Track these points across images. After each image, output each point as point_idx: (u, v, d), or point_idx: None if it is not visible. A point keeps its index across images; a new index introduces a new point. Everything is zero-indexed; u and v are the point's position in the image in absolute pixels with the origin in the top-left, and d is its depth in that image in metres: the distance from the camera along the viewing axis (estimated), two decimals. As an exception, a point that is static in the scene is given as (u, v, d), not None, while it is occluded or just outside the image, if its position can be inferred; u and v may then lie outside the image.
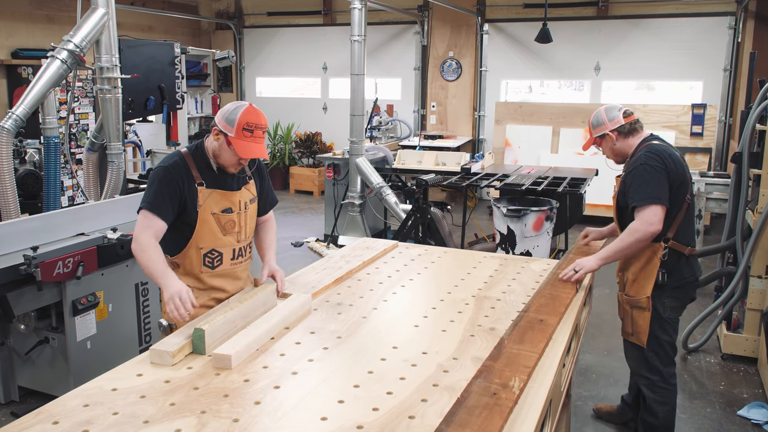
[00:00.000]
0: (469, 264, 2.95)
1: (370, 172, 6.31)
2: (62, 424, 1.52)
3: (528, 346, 1.95)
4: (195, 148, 2.31)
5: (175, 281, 2.12)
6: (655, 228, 2.58)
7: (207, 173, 2.28)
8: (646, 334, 2.75)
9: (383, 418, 1.56)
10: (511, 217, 5.18)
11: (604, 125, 2.82)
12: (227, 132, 2.17)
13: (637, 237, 2.60)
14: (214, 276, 2.33)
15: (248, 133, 2.17)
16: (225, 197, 2.29)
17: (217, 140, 2.21)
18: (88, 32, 3.90)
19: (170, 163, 2.24)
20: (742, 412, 3.42)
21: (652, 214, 2.58)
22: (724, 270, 4.28)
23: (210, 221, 2.26)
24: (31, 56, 7.54)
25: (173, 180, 2.20)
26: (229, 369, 1.82)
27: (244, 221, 2.36)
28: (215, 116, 2.24)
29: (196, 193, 2.23)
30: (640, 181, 2.62)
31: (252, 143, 2.18)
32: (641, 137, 2.80)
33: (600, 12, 8.50)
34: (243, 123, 2.16)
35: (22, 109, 3.76)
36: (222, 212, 2.28)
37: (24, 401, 3.39)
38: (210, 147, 2.27)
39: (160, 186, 2.20)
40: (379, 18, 9.47)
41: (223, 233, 2.30)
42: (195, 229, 2.25)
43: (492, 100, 9.21)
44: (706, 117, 7.74)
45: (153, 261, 2.14)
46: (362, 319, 2.23)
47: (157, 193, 2.19)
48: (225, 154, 2.22)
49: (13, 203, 3.73)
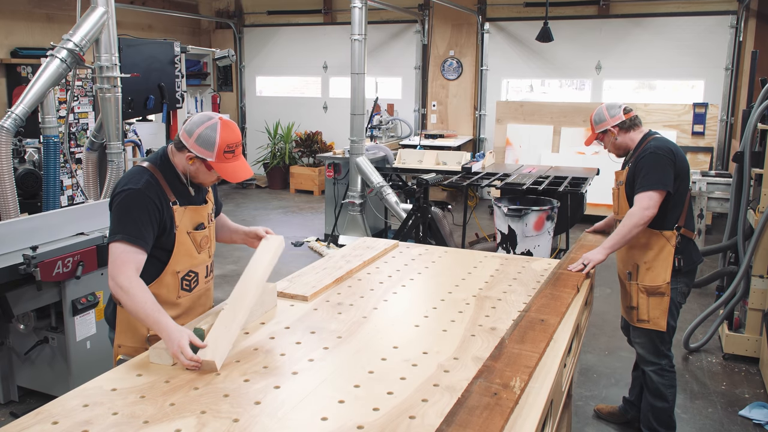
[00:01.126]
0: (470, 264, 2.94)
1: (370, 171, 6.30)
2: (62, 424, 1.51)
3: (529, 346, 1.94)
4: (161, 162, 2.05)
5: (173, 328, 1.83)
6: (651, 212, 2.72)
7: (177, 189, 2.06)
8: (665, 318, 2.84)
9: (384, 418, 1.55)
10: (512, 217, 5.17)
11: (605, 121, 2.95)
12: (206, 157, 1.96)
13: (634, 221, 2.73)
14: (191, 299, 2.17)
15: (230, 154, 1.97)
16: (197, 212, 2.11)
17: (193, 164, 1.99)
18: (87, 31, 3.89)
19: (143, 184, 1.97)
20: (744, 413, 3.41)
21: (648, 198, 2.71)
22: (725, 270, 4.27)
23: (186, 242, 2.08)
24: (31, 55, 7.53)
25: (151, 202, 1.95)
26: (216, 371, 1.79)
27: (212, 234, 2.22)
28: (180, 134, 1.99)
29: (172, 213, 2.02)
30: (648, 168, 2.75)
31: (236, 163, 1.99)
32: (642, 132, 2.94)
33: (601, 11, 8.49)
34: (223, 146, 1.95)
35: (21, 109, 3.75)
36: (195, 229, 2.11)
37: (23, 401, 3.39)
38: (180, 165, 2.04)
39: (137, 212, 1.93)
40: (380, 17, 9.45)
41: (198, 251, 2.14)
42: (172, 253, 2.05)
43: (493, 99, 9.20)
44: (707, 116, 7.72)
45: (143, 305, 1.86)
46: (363, 319, 2.22)
47: (137, 221, 1.92)
48: (203, 176, 2.03)
49: (12, 203, 3.72)
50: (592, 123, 3.02)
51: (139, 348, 2.06)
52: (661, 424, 2.98)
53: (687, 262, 2.85)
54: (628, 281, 2.94)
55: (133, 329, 2.09)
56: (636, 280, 2.89)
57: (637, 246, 2.86)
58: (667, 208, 2.78)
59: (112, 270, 1.91)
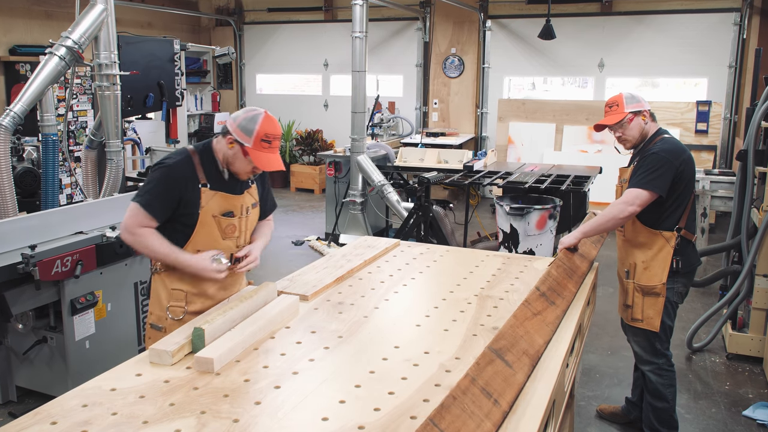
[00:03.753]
0: (472, 263, 2.93)
1: (371, 169, 6.27)
2: (60, 424, 1.50)
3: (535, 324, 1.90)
4: (203, 148, 2.25)
5: (193, 260, 2.17)
6: (633, 209, 2.71)
7: (212, 175, 2.22)
8: (659, 318, 2.84)
9: (385, 419, 1.55)
10: (514, 216, 5.15)
11: (640, 103, 2.87)
12: (244, 142, 2.12)
13: (613, 213, 2.74)
14: (209, 282, 2.27)
15: (266, 144, 2.13)
16: (227, 200, 2.24)
17: (231, 148, 2.16)
18: (86, 28, 3.87)
19: (174, 162, 2.18)
20: (748, 413, 3.39)
21: (635, 195, 2.70)
22: (729, 269, 4.25)
23: (210, 224, 2.21)
24: (29, 53, 7.50)
25: (174, 180, 2.15)
26: (212, 372, 1.78)
27: (245, 226, 2.33)
28: (227, 122, 2.18)
29: (199, 194, 2.18)
30: (645, 168, 2.74)
31: (270, 154, 2.15)
32: (656, 127, 2.91)
33: (604, 8, 8.45)
34: (262, 134, 2.11)
35: (19, 107, 3.73)
36: (223, 215, 2.23)
37: (22, 401, 3.37)
38: (221, 152, 2.22)
39: (158, 186, 2.15)
40: (381, 14, 9.43)
41: (223, 237, 2.25)
42: (194, 231, 2.20)
43: (495, 97, 9.17)
44: (711, 114, 7.69)
45: (155, 245, 2.15)
46: (363, 319, 2.21)
47: (153, 193, 2.15)
48: (239, 163, 2.18)
49: (10, 201, 3.70)
50: (623, 102, 2.82)
51: (161, 316, 2.28)
52: (663, 424, 2.97)
53: (685, 264, 2.84)
54: (625, 279, 2.95)
55: (158, 298, 2.30)
56: (633, 278, 2.89)
57: (636, 245, 2.86)
58: (666, 209, 2.77)
59: (125, 222, 2.16)
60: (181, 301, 2.25)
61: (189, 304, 2.26)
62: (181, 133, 8.36)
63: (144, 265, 3.49)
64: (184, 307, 2.25)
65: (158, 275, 2.30)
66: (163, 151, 5.76)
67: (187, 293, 2.25)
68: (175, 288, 2.26)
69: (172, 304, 2.25)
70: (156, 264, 2.30)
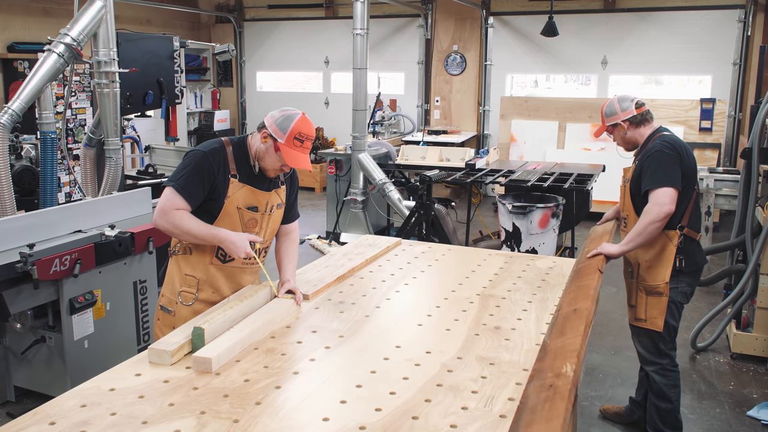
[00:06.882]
0: (474, 262, 2.91)
1: (372, 167, 6.25)
2: (59, 424, 1.50)
3: (570, 335, 1.88)
4: (238, 141, 2.31)
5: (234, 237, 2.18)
6: (668, 208, 2.66)
7: (243, 167, 2.26)
8: (662, 318, 2.81)
9: (386, 419, 1.54)
10: (517, 214, 5.11)
11: (616, 115, 2.93)
12: (277, 138, 2.18)
13: (650, 218, 2.67)
14: (221, 271, 2.30)
15: (298, 142, 2.19)
16: (254, 195, 2.28)
17: (265, 143, 2.21)
18: (85, 25, 3.85)
19: (209, 149, 2.23)
20: (752, 413, 3.37)
21: (663, 194, 2.67)
22: (733, 268, 4.24)
23: (233, 215, 2.25)
24: (28, 50, 7.49)
25: (209, 165, 2.19)
26: (211, 372, 1.76)
27: (267, 224, 2.34)
28: (265, 118, 2.24)
29: (228, 183, 2.22)
30: (655, 166, 2.71)
31: (300, 153, 2.20)
32: (652, 128, 2.92)
33: (607, 5, 8.41)
34: (295, 132, 2.18)
35: (18, 104, 3.71)
36: (247, 209, 2.27)
37: (20, 401, 3.35)
38: (254, 146, 2.26)
39: (194, 170, 2.18)
40: (382, 11, 9.39)
41: (243, 230, 2.27)
42: (216, 220, 2.23)
43: (497, 94, 9.14)
44: (715, 112, 7.64)
45: (190, 225, 2.16)
46: (365, 318, 2.19)
47: (189, 177, 2.18)
48: (270, 158, 2.22)
49: (8, 200, 3.68)
50: (603, 115, 2.99)
51: (172, 300, 2.32)
52: (667, 424, 2.95)
53: (689, 263, 2.81)
54: (629, 279, 2.93)
55: (172, 281, 2.34)
56: (636, 278, 2.88)
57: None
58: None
59: (161, 205, 2.17)
60: (192, 287, 2.28)
61: (200, 291, 2.28)
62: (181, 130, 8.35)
63: (143, 265, 3.47)
64: (195, 294, 2.28)
65: (175, 257, 2.32)
66: (163, 149, 5.74)
67: (200, 280, 2.27)
68: (188, 273, 2.28)
69: (184, 289, 2.29)
70: (175, 246, 2.32)
